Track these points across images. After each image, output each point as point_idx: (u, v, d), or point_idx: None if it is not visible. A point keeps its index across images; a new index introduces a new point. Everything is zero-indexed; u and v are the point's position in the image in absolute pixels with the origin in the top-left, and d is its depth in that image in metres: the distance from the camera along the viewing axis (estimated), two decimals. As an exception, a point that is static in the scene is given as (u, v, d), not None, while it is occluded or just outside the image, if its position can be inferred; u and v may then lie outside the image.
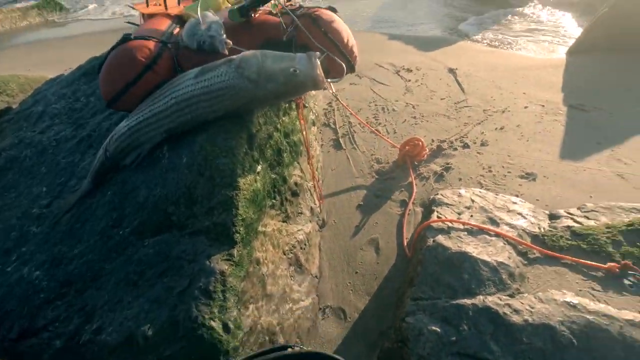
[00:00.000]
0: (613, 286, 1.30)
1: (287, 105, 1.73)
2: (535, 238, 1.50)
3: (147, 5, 1.81)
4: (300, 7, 1.57)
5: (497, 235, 1.47)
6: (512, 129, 2.59)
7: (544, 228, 1.55)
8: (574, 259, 1.39)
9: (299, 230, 1.67)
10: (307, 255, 1.70)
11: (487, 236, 1.47)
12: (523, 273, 1.36)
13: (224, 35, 1.38)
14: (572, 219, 1.59)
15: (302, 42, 1.47)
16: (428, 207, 1.73)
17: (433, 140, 2.51)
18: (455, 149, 2.41)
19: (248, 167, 1.26)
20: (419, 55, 4.02)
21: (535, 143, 2.42)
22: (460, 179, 2.16)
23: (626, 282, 1.31)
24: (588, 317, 1.18)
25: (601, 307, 1.22)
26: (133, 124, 1.31)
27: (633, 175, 2.09)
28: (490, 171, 2.19)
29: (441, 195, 1.73)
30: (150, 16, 1.75)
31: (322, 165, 2.39)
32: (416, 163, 2.32)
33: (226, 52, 1.37)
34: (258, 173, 1.32)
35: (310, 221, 1.82)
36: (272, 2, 1.42)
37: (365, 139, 2.62)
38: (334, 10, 1.62)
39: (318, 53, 1.31)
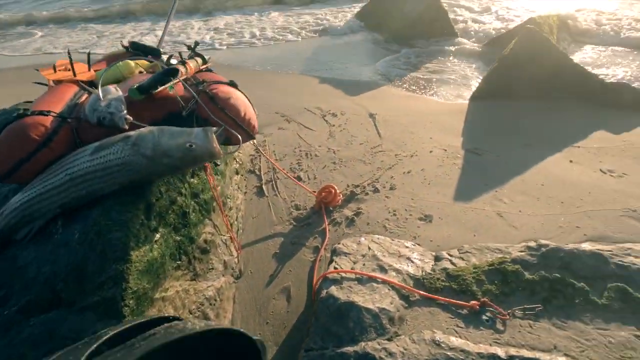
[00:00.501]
0: (473, 322, 1.54)
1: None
2: (417, 281, 1.72)
3: (55, 71, 1.85)
4: (203, 82, 1.72)
5: (384, 282, 1.67)
6: (417, 172, 2.91)
7: (426, 271, 1.78)
8: (445, 299, 1.62)
9: (208, 286, 1.75)
10: (217, 310, 1.76)
11: (374, 284, 1.65)
12: (403, 316, 1.56)
13: (125, 111, 1.48)
14: (450, 260, 1.85)
15: (202, 116, 1.61)
16: (330, 256, 1.90)
17: (348, 186, 2.75)
18: (367, 194, 2.66)
19: (143, 238, 1.34)
20: (345, 100, 4.37)
21: (435, 186, 2.75)
22: (368, 224, 2.38)
23: (484, 317, 1.55)
24: (448, 353, 1.39)
25: (461, 342, 1.44)
26: (25, 199, 1.33)
27: (509, 214, 2.46)
28: (394, 215, 2.45)
29: (342, 244, 1.91)
30: (58, 82, 1.80)
31: (243, 214, 2.50)
32: (331, 209, 2.52)
33: (126, 127, 1.46)
34: (156, 241, 1.40)
35: (223, 275, 1.90)
36: (170, 83, 1.55)
37: (287, 185, 2.79)
38: (234, 85, 1.79)
39: (215, 128, 1.46)
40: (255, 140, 2.66)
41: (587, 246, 1.86)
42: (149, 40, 7.03)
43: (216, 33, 7.37)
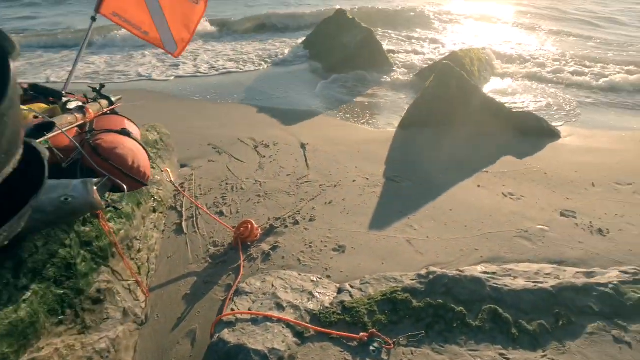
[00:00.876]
0: (361, 354, 1.62)
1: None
2: (314, 316, 1.79)
3: None
4: (92, 130, 1.72)
5: (279, 320, 1.71)
6: (338, 202, 3.04)
7: (324, 305, 1.85)
8: (337, 332, 1.69)
9: (101, 338, 1.69)
10: (111, 362, 1.70)
11: (269, 323, 1.69)
12: (293, 354, 1.60)
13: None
14: (349, 292, 1.94)
15: (87, 166, 1.61)
16: (232, 296, 1.92)
17: (269, 219, 2.80)
18: (287, 227, 2.72)
19: (6, 299, 1.29)
20: (280, 130, 4.49)
21: (354, 215, 2.88)
22: (283, 257, 2.44)
23: (371, 348, 1.64)
24: (331, 389, 1.45)
25: (345, 377, 1.51)
26: None
27: (417, 240, 2.64)
28: (310, 247, 2.53)
29: (245, 284, 1.94)
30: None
31: (158, 254, 2.45)
32: (249, 244, 2.55)
33: (-1, 181, 1.42)
34: (25, 300, 1.35)
35: (122, 323, 1.85)
36: (44, 138, 1.54)
37: (208, 221, 2.78)
38: (126, 133, 1.81)
39: (96, 180, 1.46)
40: (173, 178, 2.65)
41: (471, 270, 2.04)
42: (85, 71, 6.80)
43: (159, 62, 7.30)
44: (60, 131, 1.58)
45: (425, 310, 1.78)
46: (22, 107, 1.92)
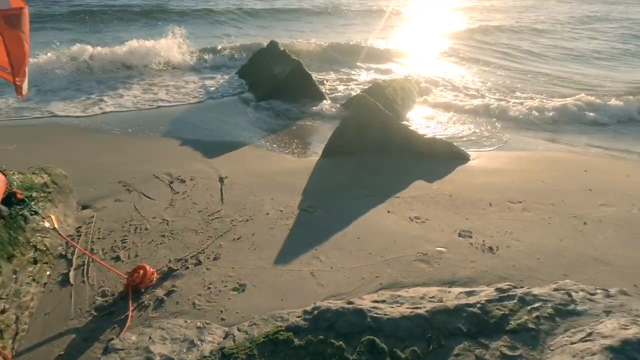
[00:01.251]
0: (232, 405, 1.56)
1: None
2: (189, 369, 1.70)
3: None
4: None
5: (147, 377, 1.61)
6: (247, 238, 3.00)
7: (203, 355, 1.78)
8: (210, 384, 1.62)
9: None
10: None
11: (133, 383, 1.58)
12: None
13: None
14: (233, 337, 1.88)
15: None
16: (101, 354, 1.77)
17: (170, 261, 2.68)
18: (187, 268, 2.62)
19: None
20: (201, 163, 4.40)
21: (261, 251, 2.86)
22: (178, 303, 2.32)
23: (244, 397, 1.58)
24: None
25: None
26: None
27: (321, 272, 2.66)
28: (209, 288, 2.45)
29: (118, 340, 1.81)
30: None
31: (33, 311, 2.22)
32: (143, 290, 2.41)
33: None
34: None
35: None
36: None
37: (100, 268, 2.60)
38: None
39: None
40: (69, 222, 2.46)
41: (362, 300, 2.09)
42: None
43: (81, 93, 6.92)
44: None
45: (305, 348, 1.78)
46: None
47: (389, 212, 3.53)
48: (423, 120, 6.55)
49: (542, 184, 4.16)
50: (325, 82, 8.24)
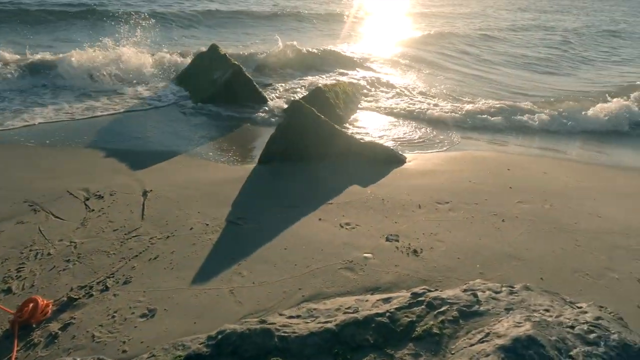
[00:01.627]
0: None
1: None
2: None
3: None
4: None
5: None
6: (166, 256, 2.82)
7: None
8: None
9: None
10: None
11: None
12: None
13: None
14: (127, 373, 1.72)
15: None
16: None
17: (72, 289, 2.44)
18: (91, 296, 2.40)
19: None
20: (124, 176, 4.10)
21: (179, 270, 2.69)
22: (74, 337, 2.11)
23: None
24: None
25: None
26: None
27: (242, 288, 2.56)
28: (113, 317, 2.25)
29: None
30: None
31: None
32: (34, 326, 2.15)
33: None
34: None
35: None
36: None
37: (-15, 304, 2.30)
38: None
39: None
40: None
41: (267, 322, 2.01)
42: None
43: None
44: None
45: (204, 379, 1.67)
46: None
47: (320, 219, 3.50)
48: (365, 124, 6.65)
49: (469, 184, 4.36)
50: (276, 87, 8.13)
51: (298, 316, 2.13)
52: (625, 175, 5.25)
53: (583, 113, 7.42)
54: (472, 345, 1.82)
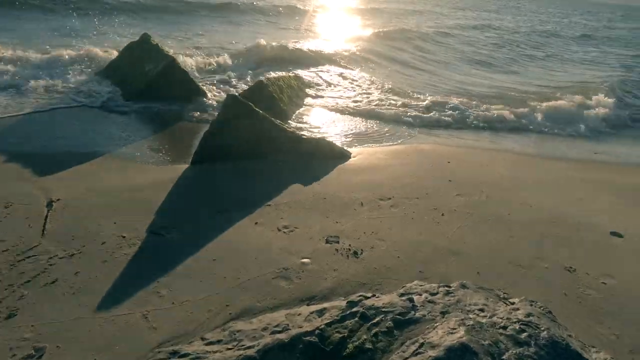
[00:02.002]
0: None
1: None
2: None
3: None
4: None
5: None
6: (67, 279, 2.40)
7: None
8: None
9: None
10: None
11: None
12: None
13: None
14: None
15: None
16: None
17: None
18: (-41, 338, 1.94)
19: None
20: (27, 183, 3.51)
21: (82, 295, 2.30)
22: None
23: None
24: None
25: None
26: None
27: (158, 311, 2.24)
28: (-14, 363, 1.83)
29: None
30: None
31: None
32: None
33: None
34: None
35: None
36: None
37: None
38: None
39: None
40: None
41: (180, 352, 1.74)
42: None
43: None
44: None
45: None
46: None
47: (256, 223, 3.24)
48: (311, 120, 6.45)
49: (411, 178, 4.34)
50: (219, 82, 7.62)
51: (219, 341, 1.88)
52: (558, 166, 5.57)
53: (521, 110, 7.82)
54: (405, 359, 1.68)
